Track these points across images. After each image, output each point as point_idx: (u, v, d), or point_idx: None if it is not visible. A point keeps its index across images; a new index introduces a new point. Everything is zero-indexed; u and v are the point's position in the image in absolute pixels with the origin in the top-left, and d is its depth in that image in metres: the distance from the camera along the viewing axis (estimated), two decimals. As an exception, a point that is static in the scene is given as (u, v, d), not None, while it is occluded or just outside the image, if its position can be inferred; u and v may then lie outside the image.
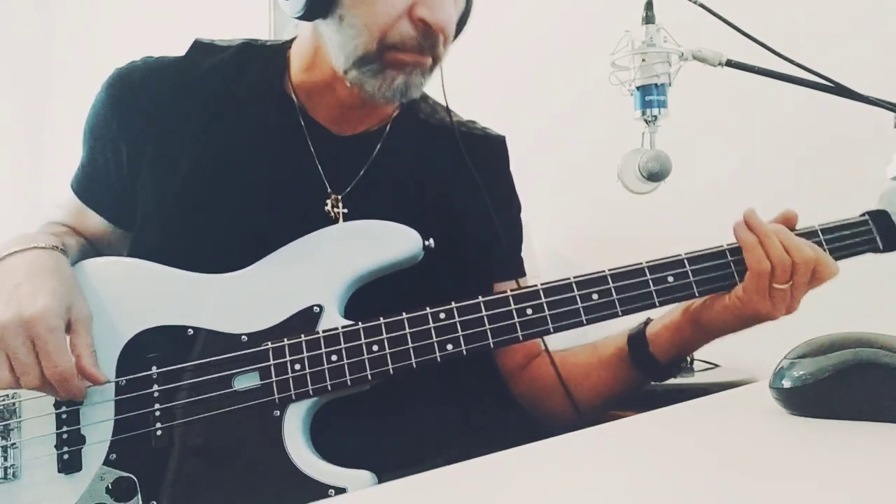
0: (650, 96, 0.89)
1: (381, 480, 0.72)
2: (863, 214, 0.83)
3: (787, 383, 0.61)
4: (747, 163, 1.66)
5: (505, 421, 0.89)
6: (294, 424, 0.74)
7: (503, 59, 2.07)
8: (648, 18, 0.90)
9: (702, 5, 0.90)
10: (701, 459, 0.51)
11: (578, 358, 0.90)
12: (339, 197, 0.88)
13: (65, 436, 0.76)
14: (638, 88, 0.90)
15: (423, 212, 0.89)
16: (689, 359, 0.88)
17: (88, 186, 0.93)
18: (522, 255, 1.02)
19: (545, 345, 0.86)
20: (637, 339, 0.87)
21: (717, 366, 1.58)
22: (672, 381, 1.45)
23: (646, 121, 0.90)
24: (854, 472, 0.46)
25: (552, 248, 1.92)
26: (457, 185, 0.91)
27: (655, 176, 0.90)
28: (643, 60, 0.89)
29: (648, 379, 0.88)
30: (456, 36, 0.89)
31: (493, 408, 0.90)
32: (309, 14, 0.81)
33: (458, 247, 0.88)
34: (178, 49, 0.94)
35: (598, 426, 0.61)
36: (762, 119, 1.65)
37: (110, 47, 2.77)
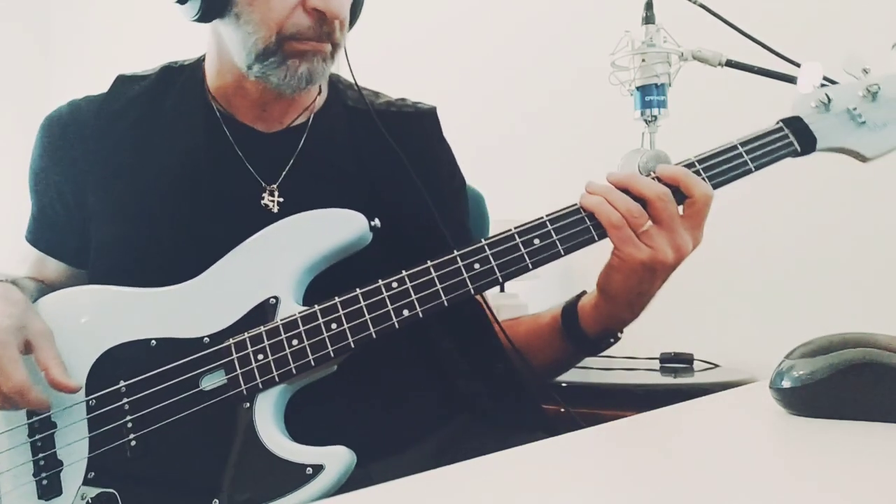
0: (650, 96, 0.89)
1: (369, 469, 0.73)
2: (777, 122, 0.86)
3: (787, 383, 0.61)
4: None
5: (491, 395, 0.90)
6: (265, 413, 0.75)
7: (503, 59, 2.07)
8: (648, 18, 0.90)
9: (702, 5, 0.90)
10: (701, 459, 0.51)
11: (521, 327, 0.93)
12: (274, 187, 0.89)
13: (42, 462, 0.76)
14: (638, 88, 0.90)
15: (364, 194, 0.90)
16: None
17: (42, 234, 0.95)
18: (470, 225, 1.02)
19: (491, 312, 0.88)
20: (569, 311, 0.89)
21: (717, 366, 1.58)
22: (672, 380, 1.47)
23: (646, 121, 0.90)
24: (854, 472, 0.46)
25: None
26: (392, 164, 0.92)
27: (655, 176, 0.89)
28: (643, 60, 0.89)
29: (581, 351, 0.90)
30: (355, 20, 0.92)
31: (478, 382, 0.91)
32: (205, 16, 0.85)
33: (405, 225, 0.89)
34: (182, 55, 0.95)
35: (598, 426, 0.61)
36: (762, 119, 1.65)
37: (109, 61, 2.77)
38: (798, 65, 0.89)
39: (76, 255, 0.93)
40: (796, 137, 0.84)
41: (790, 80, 0.90)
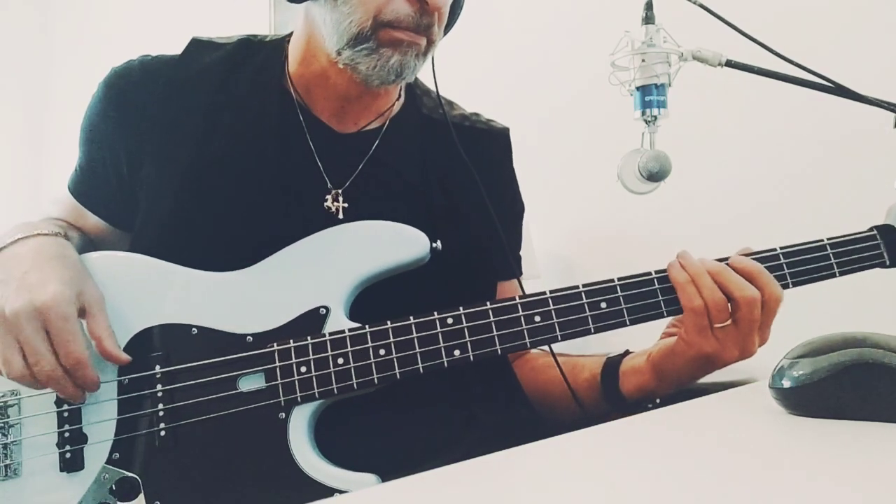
0: (650, 96, 0.89)
1: (387, 478, 0.72)
2: (871, 229, 0.83)
3: (787, 383, 0.61)
4: (747, 163, 1.66)
5: (511, 422, 0.89)
6: (299, 427, 0.74)
7: (503, 59, 2.07)
8: (648, 19, 0.90)
9: (702, 5, 0.90)
10: (701, 459, 0.51)
11: (556, 371, 0.90)
12: (339, 191, 0.87)
13: (66, 434, 0.75)
14: (638, 89, 0.90)
15: (427, 207, 0.88)
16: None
17: (85, 187, 0.92)
18: (521, 253, 1.02)
19: (551, 348, 0.86)
20: (610, 371, 0.87)
21: (716, 366, 1.58)
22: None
23: (645, 121, 0.90)
24: (854, 472, 0.46)
25: (552, 249, 1.92)
26: (460, 181, 0.90)
27: (655, 176, 0.90)
28: (643, 61, 0.89)
29: (615, 411, 0.88)
30: (450, 25, 0.89)
31: (499, 409, 0.90)
32: None
33: (463, 244, 0.87)
34: (179, 49, 0.94)
35: (598, 426, 0.61)
36: (762, 119, 1.65)
37: (110, 47, 2.77)
38: (799, 66, 0.89)
39: (117, 216, 0.90)
40: (887, 249, 0.82)
41: (790, 80, 0.90)
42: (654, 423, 0.63)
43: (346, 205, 0.86)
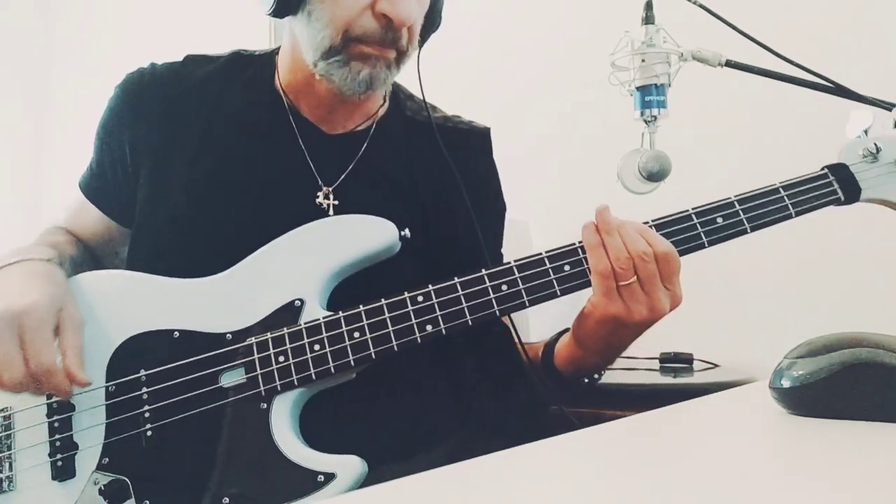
0: (650, 97, 0.89)
1: (377, 472, 0.73)
2: (822, 168, 0.85)
3: (786, 383, 0.61)
4: (747, 162, 1.66)
5: (502, 409, 0.90)
6: (282, 415, 0.75)
7: (503, 59, 2.07)
8: (648, 19, 0.90)
9: (702, 5, 0.90)
10: (701, 459, 0.51)
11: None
12: (330, 189, 0.90)
13: (58, 443, 0.77)
14: (637, 89, 0.90)
15: (413, 205, 0.91)
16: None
17: (95, 184, 0.95)
18: (515, 253, 1.02)
19: (516, 331, 0.88)
20: (549, 348, 0.89)
21: (717, 366, 1.58)
22: (672, 380, 1.47)
23: (645, 121, 0.90)
24: (854, 472, 0.46)
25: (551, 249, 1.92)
26: (443, 180, 0.92)
27: (655, 176, 0.90)
28: (643, 61, 0.89)
29: (557, 389, 0.89)
30: (431, 32, 0.92)
31: (490, 396, 0.91)
32: (279, 10, 0.85)
33: (445, 242, 0.90)
34: (179, 52, 0.95)
35: (598, 426, 0.61)
36: (762, 119, 1.65)
37: (110, 48, 2.77)
38: (799, 66, 0.89)
39: (122, 213, 0.93)
40: (841, 186, 0.83)
41: (790, 80, 0.90)
42: (654, 422, 0.63)
43: (336, 202, 0.89)
